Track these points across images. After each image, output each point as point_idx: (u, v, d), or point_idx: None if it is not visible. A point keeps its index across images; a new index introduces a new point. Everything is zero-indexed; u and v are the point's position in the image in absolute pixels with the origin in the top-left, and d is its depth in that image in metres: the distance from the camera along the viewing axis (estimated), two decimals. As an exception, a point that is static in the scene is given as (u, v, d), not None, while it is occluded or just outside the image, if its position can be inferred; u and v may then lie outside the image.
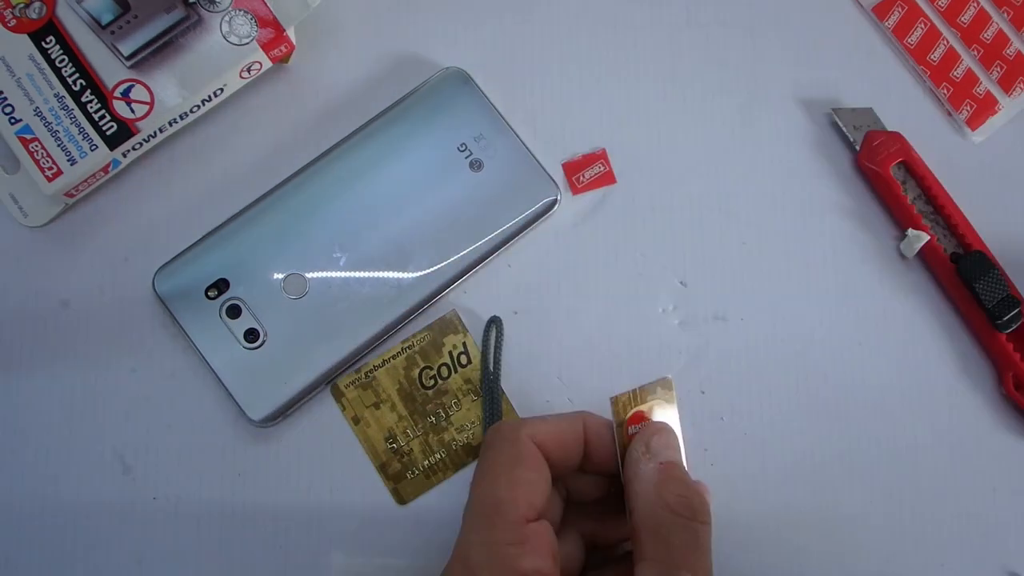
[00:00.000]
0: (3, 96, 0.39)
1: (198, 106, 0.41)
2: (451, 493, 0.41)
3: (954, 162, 0.46)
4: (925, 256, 0.45)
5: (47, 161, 0.39)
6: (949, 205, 0.45)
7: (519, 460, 0.33)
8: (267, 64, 0.42)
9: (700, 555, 0.31)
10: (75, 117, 0.39)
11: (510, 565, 0.30)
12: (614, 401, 0.35)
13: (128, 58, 0.40)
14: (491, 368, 0.41)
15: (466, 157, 0.43)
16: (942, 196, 0.45)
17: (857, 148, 0.45)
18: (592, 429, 0.35)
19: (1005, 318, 0.42)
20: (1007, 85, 0.48)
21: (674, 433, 0.35)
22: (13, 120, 0.39)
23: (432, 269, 0.41)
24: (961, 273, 0.43)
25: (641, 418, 0.35)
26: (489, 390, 0.41)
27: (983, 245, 0.44)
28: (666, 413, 0.36)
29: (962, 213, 0.45)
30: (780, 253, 0.45)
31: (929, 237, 0.44)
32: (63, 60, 0.39)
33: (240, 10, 0.40)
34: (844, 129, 0.46)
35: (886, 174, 0.44)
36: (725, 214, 0.45)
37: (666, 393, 0.36)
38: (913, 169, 0.45)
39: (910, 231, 0.44)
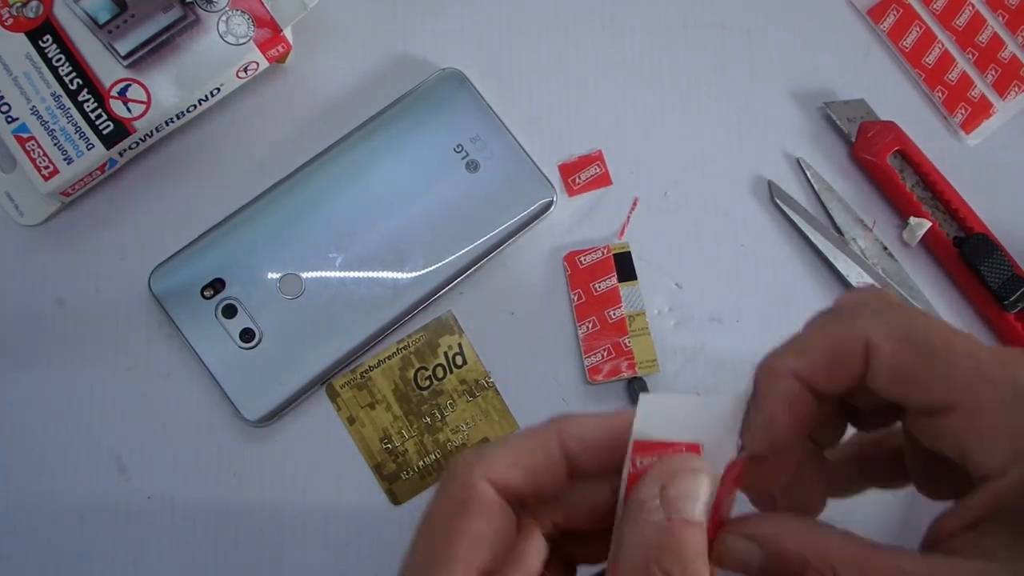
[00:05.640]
0: (0, 95, 0.39)
1: (195, 106, 0.41)
2: (446, 493, 0.41)
3: (949, 165, 0.46)
4: (927, 242, 0.45)
5: (43, 160, 0.39)
6: (948, 190, 0.45)
7: (463, 508, 0.26)
8: (264, 64, 0.42)
9: None
10: (72, 116, 0.39)
11: None
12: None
13: (125, 57, 0.40)
14: None
15: (462, 158, 0.43)
16: (940, 182, 0.45)
17: (852, 140, 0.46)
18: (573, 437, 0.27)
19: (1012, 298, 0.43)
20: (1002, 88, 0.48)
21: (708, 482, 0.26)
22: (10, 119, 0.39)
23: (428, 270, 0.41)
24: (965, 256, 0.43)
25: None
26: None
27: (985, 228, 0.45)
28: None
29: (962, 198, 0.45)
30: (778, 254, 0.45)
31: (931, 223, 0.44)
32: (60, 59, 0.39)
33: (237, 10, 0.40)
34: (838, 122, 0.46)
35: (883, 163, 0.45)
36: (721, 215, 0.45)
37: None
38: (909, 157, 0.45)
39: (912, 219, 0.44)
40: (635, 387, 0.42)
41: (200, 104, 0.41)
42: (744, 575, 0.27)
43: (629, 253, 0.43)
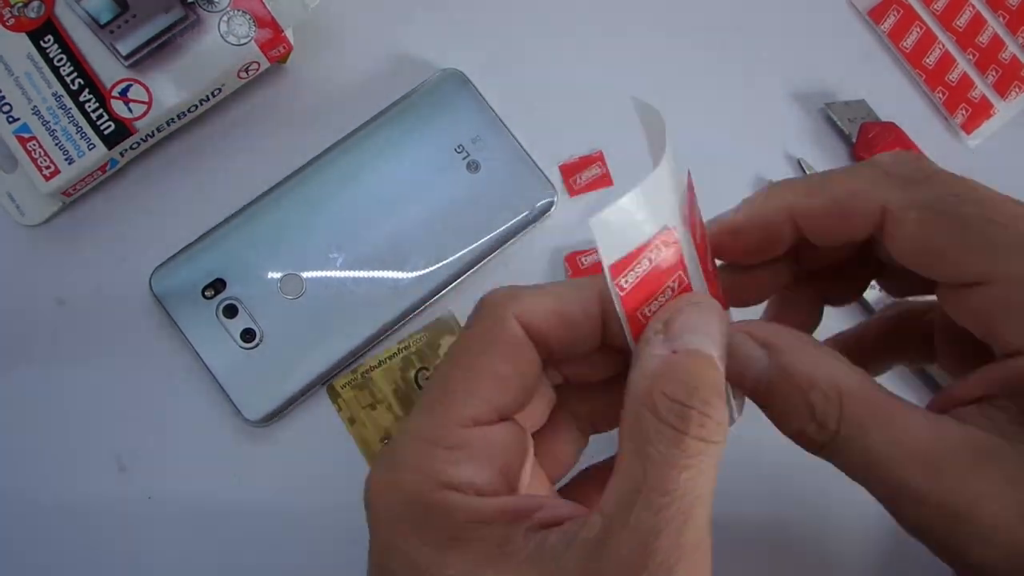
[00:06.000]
0: (1, 95, 0.39)
1: (196, 106, 0.41)
2: (447, 494, 0.41)
3: (950, 165, 0.46)
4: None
5: (45, 160, 0.39)
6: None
7: (490, 345, 0.25)
8: (265, 64, 0.42)
9: (681, 478, 0.22)
10: (73, 116, 0.39)
11: (435, 470, 0.24)
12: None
13: (126, 57, 0.40)
14: None
15: (463, 159, 0.43)
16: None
17: (853, 141, 0.46)
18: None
19: None
20: (1002, 89, 0.48)
21: (715, 310, 0.25)
22: (11, 119, 0.39)
23: (429, 270, 0.41)
24: None
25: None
26: None
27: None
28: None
29: None
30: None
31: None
32: (61, 59, 0.39)
33: (238, 10, 0.40)
34: (839, 123, 0.46)
35: (883, 167, 0.45)
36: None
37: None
38: (910, 160, 0.45)
39: None
40: None
41: (201, 104, 0.41)
42: (735, 380, 0.25)
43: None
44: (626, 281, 0.24)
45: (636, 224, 0.24)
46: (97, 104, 0.39)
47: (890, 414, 0.24)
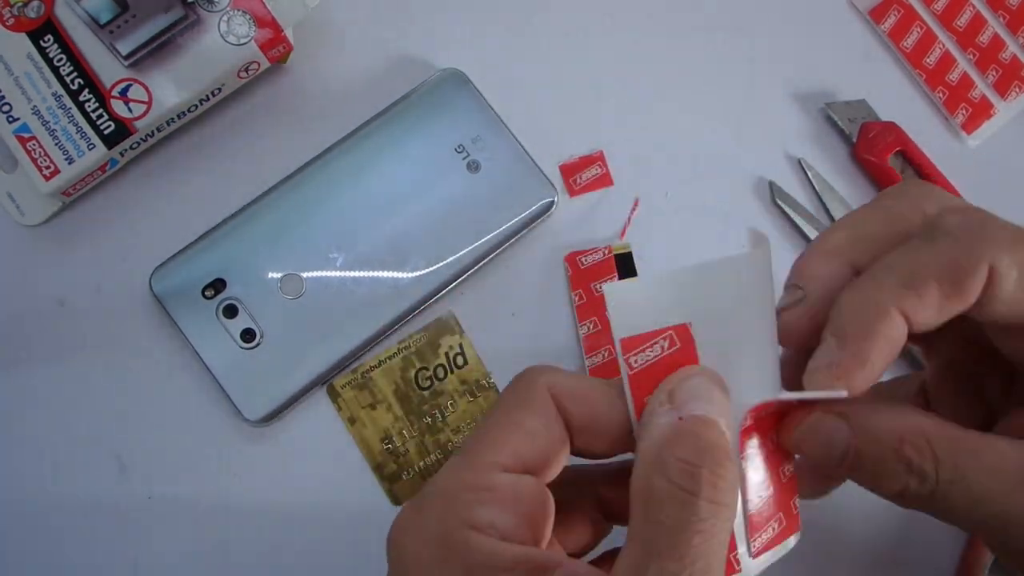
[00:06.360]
0: (1, 95, 0.39)
1: (196, 106, 0.41)
2: (447, 494, 0.41)
3: (951, 165, 0.46)
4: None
5: (44, 160, 0.39)
6: (949, 191, 0.45)
7: (525, 404, 0.26)
8: (265, 64, 0.42)
9: (693, 542, 0.22)
10: (73, 116, 0.39)
11: (460, 509, 0.24)
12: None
13: (126, 57, 0.40)
14: None
15: (463, 159, 0.43)
16: (941, 182, 0.45)
17: (853, 141, 0.46)
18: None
19: None
20: (1003, 89, 0.48)
21: (717, 382, 0.25)
22: (11, 119, 0.39)
23: (429, 270, 0.41)
24: None
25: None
26: None
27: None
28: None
29: (963, 198, 0.45)
30: (779, 254, 0.44)
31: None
32: (61, 59, 0.39)
33: (238, 10, 0.40)
34: (839, 122, 0.46)
35: (884, 164, 0.45)
36: (722, 216, 0.45)
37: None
38: (911, 158, 0.45)
39: None
40: None
41: (201, 104, 0.41)
42: (822, 458, 0.26)
43: (630, 254, 0.43)
44: (636, 361, 0.25)
45: (654, 308, 0.24)
46: (97, 104, 0.39)
47: (977, 448, 0.24)
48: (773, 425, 0.26)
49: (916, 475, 0.24)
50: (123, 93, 0.40)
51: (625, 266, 0.43)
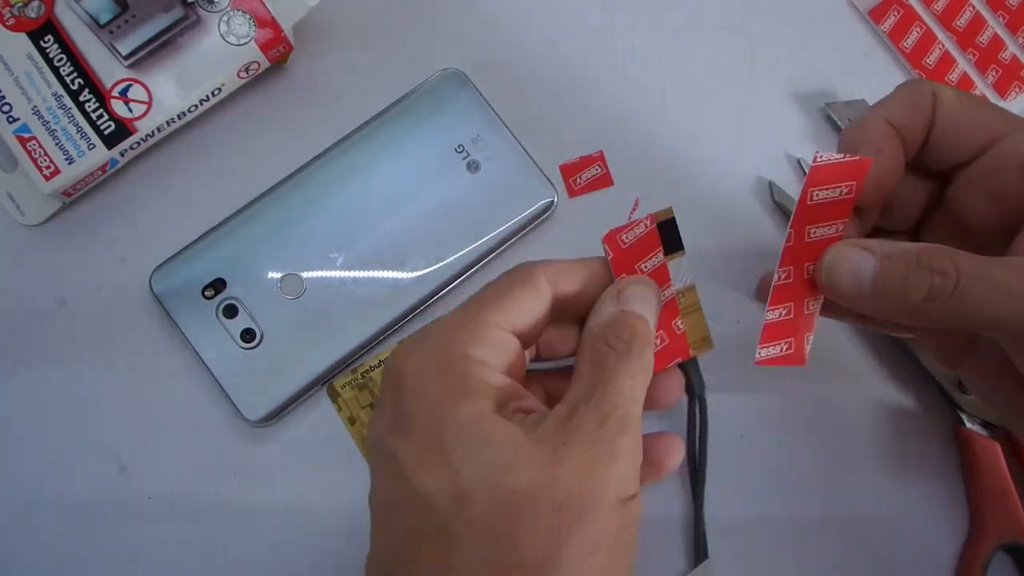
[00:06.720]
0: (1, 95, 0.39)
1: (196, 106, 0.41)
2: (447, 494, 0.41)
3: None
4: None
5: (45, 160, 0.39)
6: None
7: (520, 284, 0.32)
8: (265, 64, 0.42)
9: (625, 384, 0.29)
10: (73, 116, 0.39)
11: (460, 344, 0.30)
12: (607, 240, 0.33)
13: (126, 57, 0.40)
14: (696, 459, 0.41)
15: (463, 158, 0.43)
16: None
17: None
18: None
19: None
20: (1002, 89, 0.48)
21: (657, 293, 0.33)
22: (11, 119, 0.39)
23: (429, 270, 0.41)
24: None
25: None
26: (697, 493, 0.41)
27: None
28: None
29: None
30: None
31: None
32: (61, 59, 0.39)
33: (238, 10, 0.40)
34: (839, 122, 0.46)
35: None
36: (722, 215, 0.45)
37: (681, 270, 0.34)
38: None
39: None
40: (687, 371, 0.37)
41: (201, 104, 0.41)
42: (851, 288, 0.31)
43: (674, 219, 0.35)
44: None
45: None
46: (97, 104, 0.39)
47: (993, 257, 0.28)
48: (812, 256, 0.33)
49: (939, 273, 0.28)
50: (123, 93, 0.40)
51: (669, 235, 0.35)
